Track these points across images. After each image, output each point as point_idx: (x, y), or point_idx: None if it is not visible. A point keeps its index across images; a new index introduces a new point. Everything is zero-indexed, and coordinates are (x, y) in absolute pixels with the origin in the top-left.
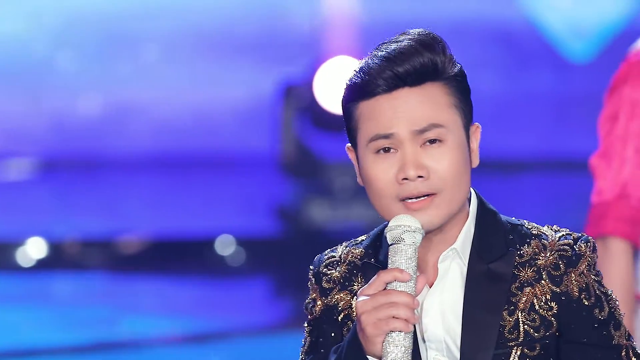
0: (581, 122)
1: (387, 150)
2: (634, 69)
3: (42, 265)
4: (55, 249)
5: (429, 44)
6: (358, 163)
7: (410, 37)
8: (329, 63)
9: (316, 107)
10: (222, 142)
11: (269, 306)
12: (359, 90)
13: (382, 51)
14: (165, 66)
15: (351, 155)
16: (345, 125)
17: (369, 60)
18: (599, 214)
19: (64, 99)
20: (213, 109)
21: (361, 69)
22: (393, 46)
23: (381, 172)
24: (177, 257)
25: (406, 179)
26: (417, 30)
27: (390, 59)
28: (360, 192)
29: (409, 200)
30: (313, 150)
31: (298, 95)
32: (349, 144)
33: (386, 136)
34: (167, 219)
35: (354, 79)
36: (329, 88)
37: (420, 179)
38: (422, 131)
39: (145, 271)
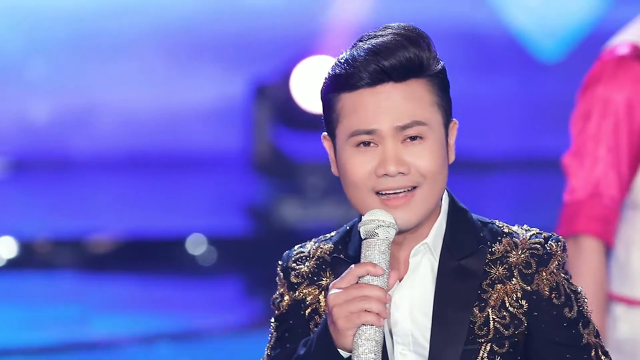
0: (552, 121)
1: (367, 144)
2: (607, 68)
3: (12, 265)
4: (26, 248)
5: (415, 39)
6: (335, 153)
7: (395, 31)
8: (305, 62)
9: (290, 106)
10: (193, 141)
11: (240, 305)
12: (341, 82)
13: (367, 44)
14: (134, 65)
15: (327, 144)
16: (324, 115)
17: (354, 52)
18: (572, 212)
19: (33, 99)
20: (184, 107)
21: (345, 60)
22: (379, 39)
23: (359, 166)
24: (148, 256)
25: (386, 174)
26: (402, 24)
27: (376, 52)
28: (331, 192)
29: (387, 196)
30: (284, 149)
31: (271, 95)
32: (326, 133)
33: (368, 132)
34: (138, 219)
35: (337, 70)
36: (306, 87)
37: (400, 174)
38: (404, 127)
39: (116, 271)
